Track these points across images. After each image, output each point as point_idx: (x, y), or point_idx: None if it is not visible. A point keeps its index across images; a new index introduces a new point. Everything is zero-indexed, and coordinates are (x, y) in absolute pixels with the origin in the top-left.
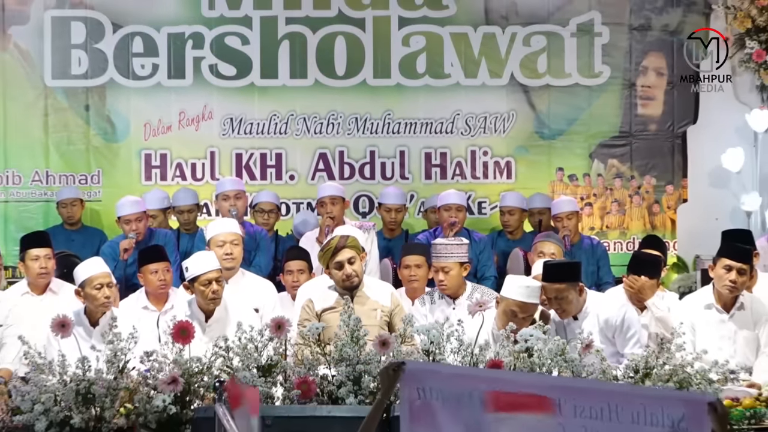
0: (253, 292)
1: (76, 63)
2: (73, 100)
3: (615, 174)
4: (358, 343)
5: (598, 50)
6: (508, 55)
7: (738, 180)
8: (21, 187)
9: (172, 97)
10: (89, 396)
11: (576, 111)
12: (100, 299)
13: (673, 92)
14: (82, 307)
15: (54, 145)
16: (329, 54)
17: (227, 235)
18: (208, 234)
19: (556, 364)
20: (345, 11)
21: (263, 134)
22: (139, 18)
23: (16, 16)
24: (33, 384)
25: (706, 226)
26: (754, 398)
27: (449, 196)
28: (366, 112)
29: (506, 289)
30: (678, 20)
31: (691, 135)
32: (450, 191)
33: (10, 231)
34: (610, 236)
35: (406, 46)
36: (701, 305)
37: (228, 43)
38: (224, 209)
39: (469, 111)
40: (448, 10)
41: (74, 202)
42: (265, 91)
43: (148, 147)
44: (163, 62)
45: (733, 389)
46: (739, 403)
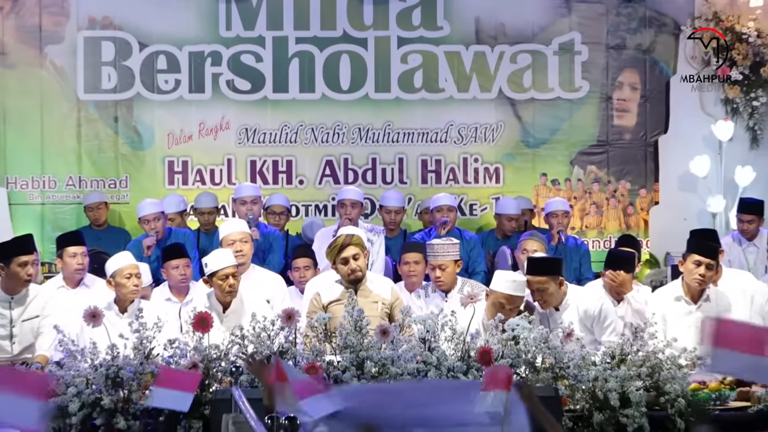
0: (264, 286)
1: (106, 78)
2: (103, 112)
3: (593, 179)
4: (361, 332)
5: (578, 67)
6: (497, 71)
7: (704, 184)
8: (56, 191)
9: (192, 110)
10: (118, 380)
11: (558, 122)
12: (129, 287)
13: (645, 105)
14: (113, 297)
15: (86, 153)
16: (335, 70)
17: (237, 234)
18: (220, 234)
19: (540, 350)
20: (349, 32)
21: (275, 143)
22: (163, 38)
23: (52, 36)
24: (67, 369)
25: (675, 226)
26: (719, 382)
27: (440, 198)
28: (368, 123)
29: (495, 283)
30: (650, 40)
31: (662, 144)
32: (441, 194)
33: (47, 231)
34: (588, 235)
35: (404, 63)
36: (671, 297)
37: (243, 60)
38: (242, 212)
39: (462, 122)
40: (442, 30)
41: (99, 205)
42: (276, 104)
43: (171, 154)
44: (185, 78)
45: (700, 374)
46: (705, 386)
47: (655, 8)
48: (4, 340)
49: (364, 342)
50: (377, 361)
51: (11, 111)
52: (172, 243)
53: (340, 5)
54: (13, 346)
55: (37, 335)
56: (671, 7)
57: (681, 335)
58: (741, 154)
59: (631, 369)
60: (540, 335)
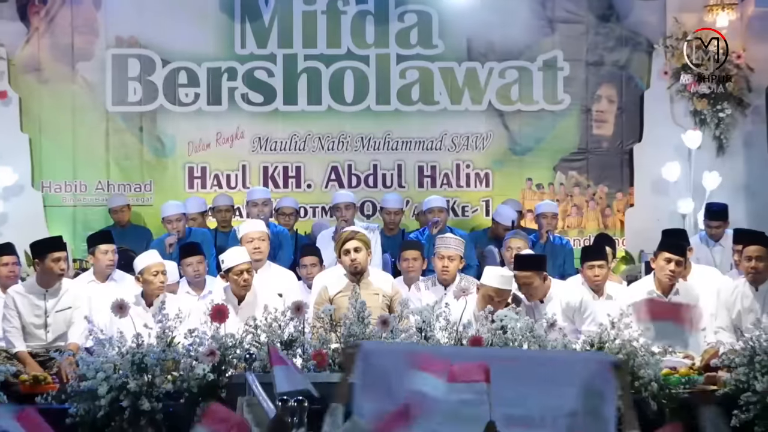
0: (278, 281)
1: (132, 92)
2: (129, 122)
3: (574, 183)
4: (363, 322)
5: (560, 82)
6: (486, 85)
7: (675, 188)
8: (86, 194)
9: (210, 120)
10: (142, 365)
11: (542, 131)
12: (156, 283)
13: (622, 116)
14: (139, 291)
15: (113, 160)
16: (339, 84)
17: (256, 233)
18: (240, 233)
19: (525, 339)
20: (352, 49)
21: (285, 151)
22: (184, 55)
23: (83, 54)
24: (96, 355)
25: (649, 226)
26: (688, 367)
27: (432, 200)
28: (370, 133)
29: (485, 278)
30: (626, 57)
31: (637, 151)
32: (433, 196)
33: (78, 230)
34: (570, 234)
35: (402, 78)
36: (644, 291)
37: (256, 75)
38: (253, 214)
39: (455, 131)
40: (437, 48)
41: (123, 208)
42: (287, 115)
43: (191, 161)
44: (203, 91)
45: (671, 360)
46: (676, 371)
47: (630, 28)
48: (39, 329)
49: (366, 331)
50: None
51: (46, 122)
52: (188, 242)
53: (345, 25)
54: (47, 335)
55: (69, 325)
56: (645, 27)
57: None
58: (708, 160)
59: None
60: (526, 325)
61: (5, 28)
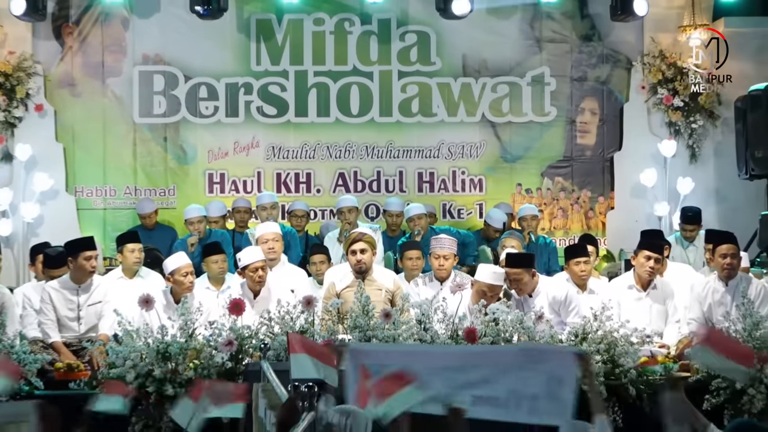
0: (290, 277)
1: (157, 105)
2: (154, 133)
3: (560, 188)
4: (368, 315)
5: (547, 96)
6: (480, 99)
7: (652, 193)
8: (116, 198)
9: (228, 131)
10: (167, 354)
11: (531, 141)
12: (185, 284)
13: (603, 127)
14: (164, 287)
15: (140, 167)
16: (346, 98)
17: (271, 234)
18: (256, 233)
19: (515, 330)
20: (358, 66)
21: (297, 158)
22: (204, 71)
23: (113, 71)
24: (125, 345)
25: (628, 227)
26: (664, 356)
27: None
28: (374, 142)
29: (479, 274)
30: (607, 73)
31: (617, 159)
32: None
33: (108, 231)
34: (556, 235)
35: (403, 93)
36: (625, 286)
37: (270, 90)
38: (263, 216)
39: (451, 141)
40: (435, 65)
41: (151, 214)
42: (298, 126)
43: (211, 168)
44: (222, 105)
45: (648, 349)
46: (653, 359)
47: (610, 47)
48: (72, 321)
49: (371, 323)
50: (381, 339)
51: (78, 132)
52: (212, 241)
53: (351, 44)
54: (80, 327)
55: (99, 317)
56: (624, 46)
57: (632, 317)
58: (682, 167)
59: (591, 345)
60: (516, 317)
61: (42, 47)
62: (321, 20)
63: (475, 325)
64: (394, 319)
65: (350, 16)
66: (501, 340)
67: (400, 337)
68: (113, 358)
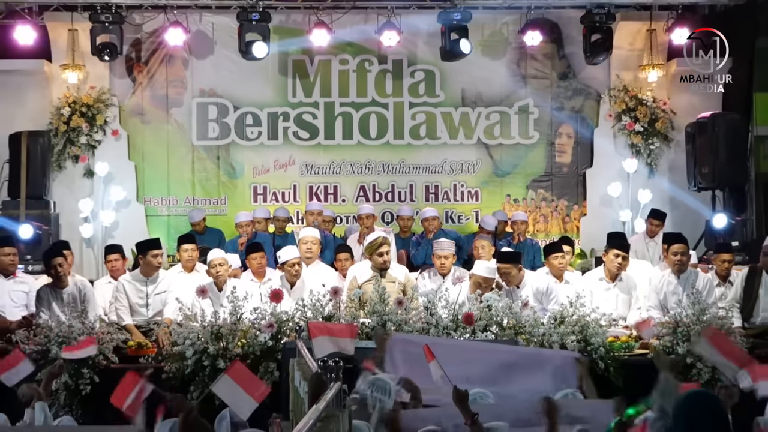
0: (322, 274)
1: (211, 130)
2: (209, 153)
3: (542, 198)
4: (384, 302)
5: (531, 122)
6: (476, 125)
7: (617, 202)
8: (177, 206)
9: (269, 151)
10: (219, 334)
11: (518, 159)
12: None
13: (577, 148)
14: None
15: (197, 181)
16: (366, 124)
17: (310, 237)
18: (299, 235)
19: (506, 315)
20: (376, 98)
21: (326, 174)
22: (250, 103)
23: (175, 102)
24: (185, 327)
25: (598, 231)
26: (627, 336)
27: (426, 212)
28: (388, 160)
29: (475, 269)
30: (581, 104)
31: (589, 174)
32: (426, 209)
33: (171, 234)
34: (538, 236)
35: (413, 120)
36: (596, 278)
37: (304, 118)
38: (309, 220)
39: (452, 159)
40: (439, 97)
41: (200, 222)
42: (326, 147)
43: (255, 182)
44: (264, 130)
45: (614, 330)
46: (618, 339)
47: (583, 82)
48: (142, 307)
49: (386, 309)
50: (395, 322)
51: (147, 153)
52: (253, 242)
53: (370, 80)
54: (148, 312)
55: (164, 304)
56: (594, 81)
57: (602, 304)
58: (642, 181)
59: (568, 328)
60: (506, 305)
61: (117, 83)
62: (345, 60)
63: (472, 311)
64: (405, 306)
65: (369, 57)
66: (493, 323)
67: (410, 320)
68: (175, 337)
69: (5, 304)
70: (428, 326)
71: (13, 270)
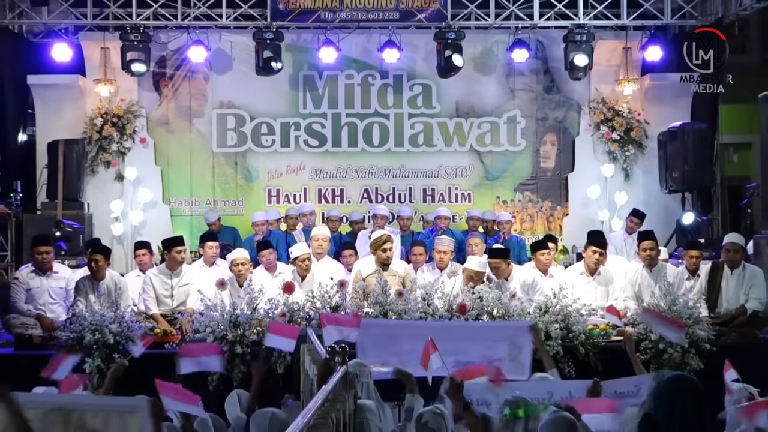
0: (331, 268)
1: (230, 138)
2: (228, 159)
3: (528, 200)
4: (385, 294)
5: (518, 131)
6: (469, 134)
7: (596, 203)
8: (199, 207)
9: (282, 158)
10: (237, 322)
11: (507, 165)
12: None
13: (560, 155)
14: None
15: (217, 184)
16: (369, 133)
17: (322, 235)
18: (312, 233)
19: (495, 305)
20: (378, 110)
21: (333, 178)
22: (264, 114)
23: (197, 113)
24: (206, 316)
25: (578, 229)
26: (605, 325)
27: (440, 211)
28: (390, 166)
29: (468, 264)
30: (563, 115)
31: (570, 178)
32: (441, 208)
33: (194, 232)
34: (525, 234)
35: (412, 129)
36: (576, 272)
37: (313, 127)
38: (304, 221)
39: (447, 165)
40: (435, 109)
41: (215, 222)
42: (334, 154)
43: (269, 185)
44: (278, 138)
45: (593, 319)
46: (597, 327)
47: (565, 95)
48: (167, 298)
49: (387, 300)
50: (395, 312)
51: (172, 159)
52: (264, 240)
53: (373, 93)
54: (173, 302)
55: (187, 295)
56: (575, 94)
57: (582, 296)
58: (618, 184)
59: (551, 317)
60: (495, 296)
61: (145, 96)
62: (351, 75)
63: (466, 302)
64: (405, 297)
65: (372, 72)
66: (484, 312)
67: (409, 310)
68: (197, 325)
69: (45, 301)
70: (425, 315)
71: (49, 266)
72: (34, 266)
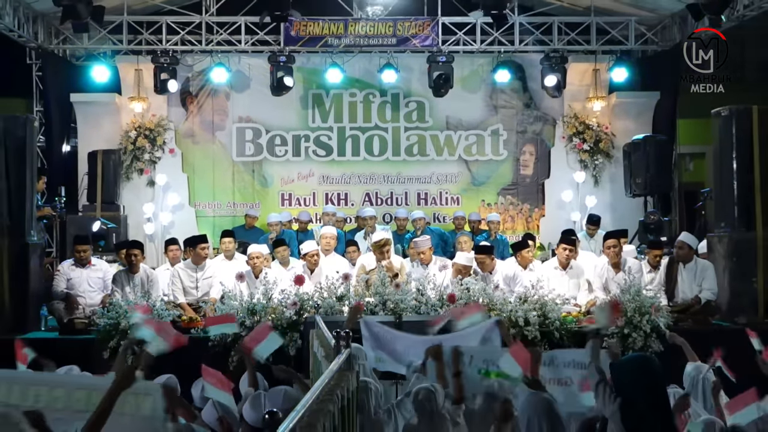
0: (337, 262)
1: (248, 149)
2: (246, 167)
3: (509, 203)
4: (384, 285)
5: (501, 142)
6: (458, 145)
7: (569, 206)
8: (221, 209)
9: (294, 166)
10: (254, 311)
11: (491, 172)
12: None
13: (538, 163)
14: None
15: (237, 189)
16: (371, 144)
17: (330, 234)
18: (321, 232)
19: (481, 296)
20: (378, 123)
21: (338, 184)
22: (278, 126)
23: (219, 127)
24: (226, 305)
25: (554, 229)
26: (577, 312)
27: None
28: (388, 173)
29: (456, 259)
30: (540, 128)
31: (547, 184)
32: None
33: (216, 231)
34: (507, 233)
35: (408, 141)
36: (552, 267)
37: (321, 139)
38: (325, 220)
39: (439, 172)
40: (428, 123)
41: (255, 218)
42: (340, 162)
43: (283, 190)
44: (290, 148)
45: (567, 308)
46: (570, 314)
47: (542, 111)
48: (192, 289)
49: (386, 291)
50: (393, 301)
51: (197, 167)
52: (279, 238)
53: (373, 109)
54: (197, 293)
55: (210, 287)
56: (551, 110)
57: (557, 287)
58: (589, 189)
59: (530, 305)
60: (481, 287)
61: (174, 111)
62: (354, 93)
63: (455, 292)
64: (401, 289)
65: (373, 91)
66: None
67: (405, 300)
68: (219, 313)
69: (85, 289)
70: (419, 304)
71: (87, 261)
72: (75, 261)
